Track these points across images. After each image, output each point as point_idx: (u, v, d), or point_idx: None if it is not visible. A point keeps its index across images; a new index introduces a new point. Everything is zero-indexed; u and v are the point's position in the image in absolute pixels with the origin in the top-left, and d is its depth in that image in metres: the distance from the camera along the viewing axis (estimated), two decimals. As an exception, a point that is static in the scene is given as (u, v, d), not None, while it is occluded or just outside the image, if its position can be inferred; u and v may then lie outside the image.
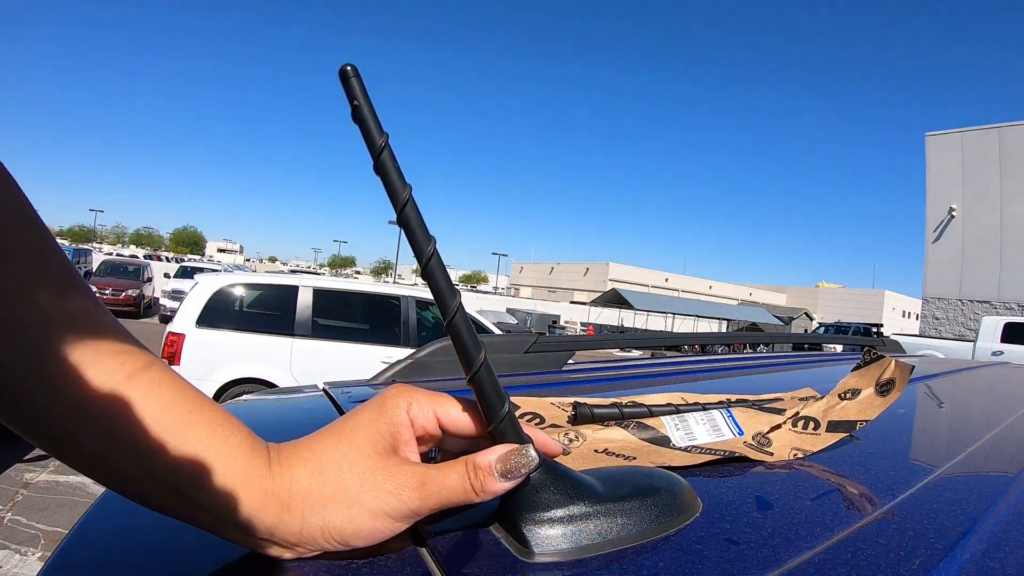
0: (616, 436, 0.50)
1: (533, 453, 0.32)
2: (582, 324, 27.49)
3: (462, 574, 0.31)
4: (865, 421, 0.55)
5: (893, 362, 0.58)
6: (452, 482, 0.32)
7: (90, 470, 0.30)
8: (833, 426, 0.55)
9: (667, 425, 0.52)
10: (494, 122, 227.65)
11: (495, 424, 0.33)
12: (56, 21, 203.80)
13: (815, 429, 0.54)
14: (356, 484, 0.32)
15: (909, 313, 58.55)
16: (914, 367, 0.57)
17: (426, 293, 5.11)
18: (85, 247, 29.65)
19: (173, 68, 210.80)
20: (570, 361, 1.15)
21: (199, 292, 4.84)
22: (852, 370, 0.61)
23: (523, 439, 0.33)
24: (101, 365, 0.29)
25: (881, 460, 0.53)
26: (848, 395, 0.58)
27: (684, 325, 32.62)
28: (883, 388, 0.57)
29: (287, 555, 0.33)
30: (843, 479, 0.47)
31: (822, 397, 0.62)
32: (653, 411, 0.56)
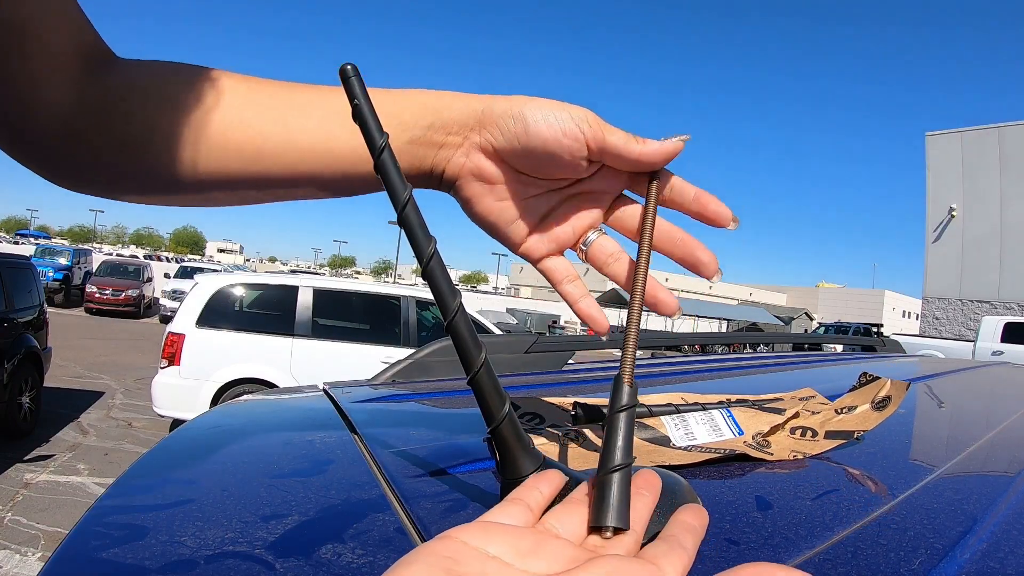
0: None
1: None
2: (582, 324, 27.38)
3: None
4: (863, 431, 0.55)
5: (889, 382, 0.58)
6: None
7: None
8: (831, 435, 0.55)
9: (667, 425, 0.52)
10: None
11: (496, 425, 0.33)
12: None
13: (813, 437, 0.55)
14: None
15: (909, 313, 58.48)
16: (910, 384, 0.58)
17: (426, 293, 5.11)
18: (85, 247, 29.63)
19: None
20: (570, 361, 1.15)
21: (199, 292, 4.84)
22: (848, 391, 0.61)
23: (524, 441, 0.33)
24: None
25: (881, 460, 0.53)
26: (845, 411, 0.58)
27: (684, 325, 32.60)
28: (879, 404, 0.57)
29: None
30: (843, 479, 0.47)
31: (820, 403, 0.62)
32: (653, 411, 0.56)
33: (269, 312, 5.00)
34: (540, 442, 0.46)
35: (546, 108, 0.37)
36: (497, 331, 5.60)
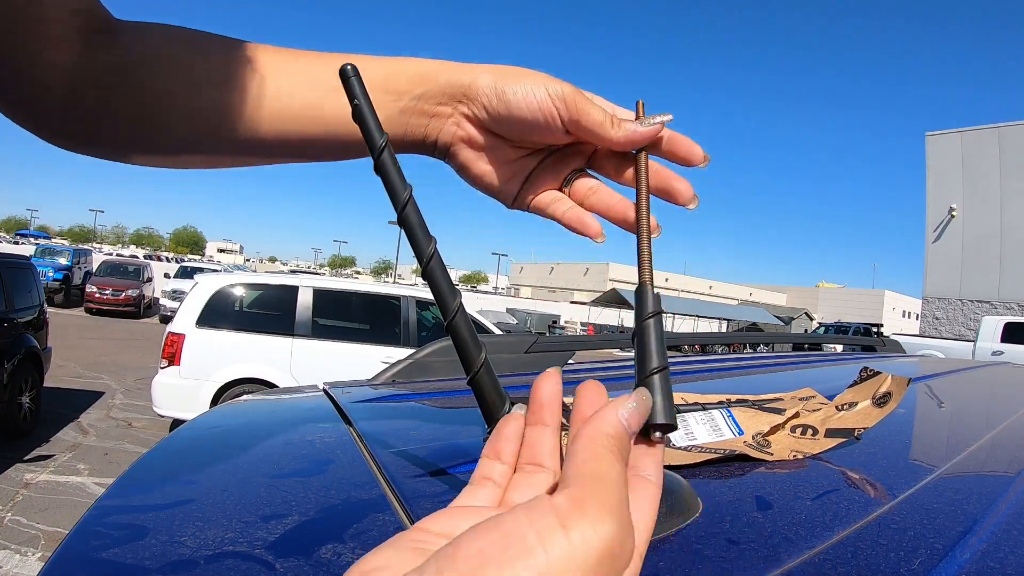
0: None
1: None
2: (582, 324, 27.50)
3: None
4: (864, 428, 0.55)
5: (889, 377, 0.58)
6: None
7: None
8: (832, 433, 0.55)
9: (667, 425, 0.52)
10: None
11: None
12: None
13: (813, 435, 0.55)
14: None
15: (909, 313, 58.48)
16: (911, 380, 0.58)
17: (426, 293, 5.11)
18: (85, 247, 29.64)
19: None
20: (570, 361, 1.15)
21: (199, 292, 4.84)
22: (848, 387, 0.61)
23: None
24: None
25: (881, 460, 0.53)
26: (845, 407, 0.58)
27: (684, 325, 32.60)
28: (880, 400, 0.57)
29: None
30: (843, 479, 0.47)
31: (820, 403, 0.62)
32: (653, 411, 0.55)
33: (269, 312, 5.00)
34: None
35: (527, 84, 0.38)
36: (497, 331, 5.61)
